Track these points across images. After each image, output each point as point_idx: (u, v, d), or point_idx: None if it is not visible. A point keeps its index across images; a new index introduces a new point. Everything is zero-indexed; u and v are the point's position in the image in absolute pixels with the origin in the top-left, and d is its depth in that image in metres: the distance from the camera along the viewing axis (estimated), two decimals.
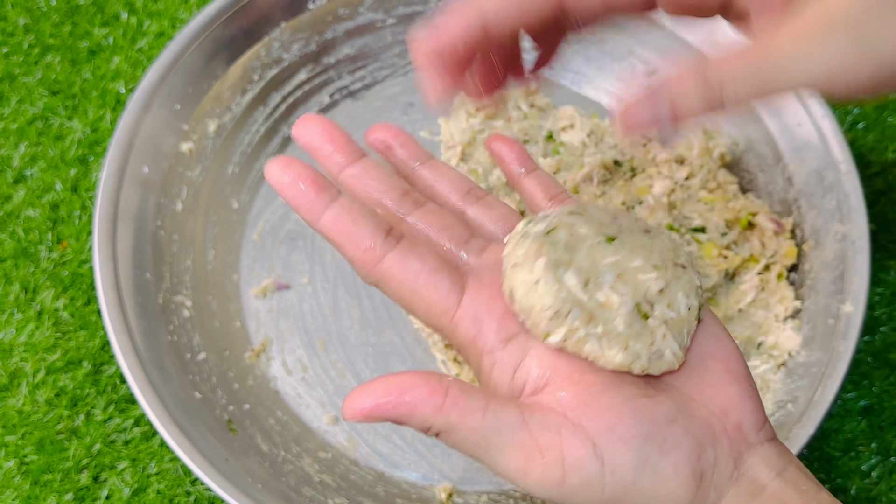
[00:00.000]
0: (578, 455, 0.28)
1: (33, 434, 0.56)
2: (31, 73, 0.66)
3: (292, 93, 0.64)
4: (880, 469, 0.56)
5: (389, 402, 0.28)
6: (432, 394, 0.28)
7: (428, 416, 0.28)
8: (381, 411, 0.28)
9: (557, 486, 0.28)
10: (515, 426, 0.29)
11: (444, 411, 0.28)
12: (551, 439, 0.29)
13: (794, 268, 0.57)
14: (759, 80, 0.27)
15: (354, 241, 0.31)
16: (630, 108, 0.29)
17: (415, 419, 0.28)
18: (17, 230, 0.62)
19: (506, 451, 0.28)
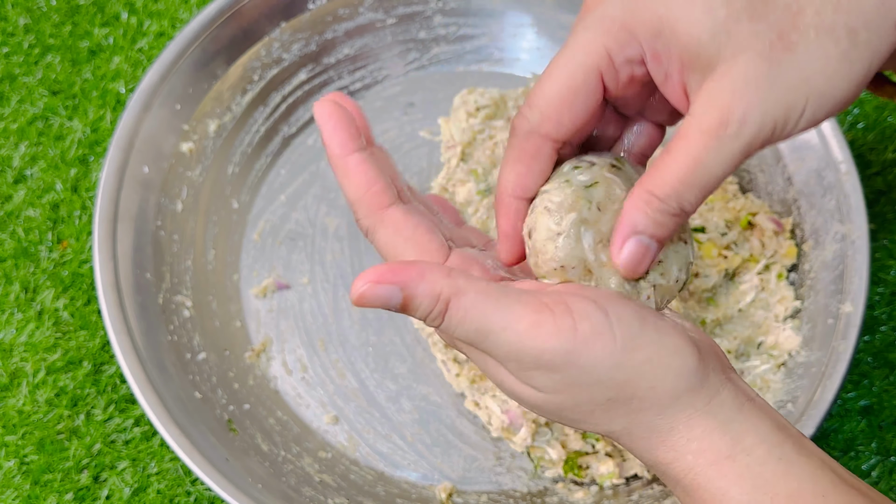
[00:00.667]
0: (583, 305, 0.30)
1: (34, 434, 0.56)
2: (31, 73, 0.66)
3: (292, 93, 0.64)
4: (880, 469, 0.56)
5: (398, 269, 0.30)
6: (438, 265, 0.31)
7: (437, 280, 0.30)
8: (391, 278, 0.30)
9: (570, 331, 0.30)
10: (520, 291, 0.31)
11: (452, 276, 0.30)
12: (555, 297, 0.31)
13: (793, 268, 0.57)
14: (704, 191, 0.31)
15: (370, 183, 0.33)
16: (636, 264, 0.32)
17: (424, 284, 0.30)
18: (17, 230, 0.62)
19: (515, 308, 0.30)
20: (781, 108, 0.30)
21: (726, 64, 0.30)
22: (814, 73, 0.30)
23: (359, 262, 0.61)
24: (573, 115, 0.32)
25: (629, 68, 0.32)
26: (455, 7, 0.65)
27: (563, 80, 0.32)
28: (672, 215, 0.31)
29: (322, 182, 0.63)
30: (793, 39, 0.30)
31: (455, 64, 0.66)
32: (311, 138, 0.64)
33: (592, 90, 0.32)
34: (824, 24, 0.30)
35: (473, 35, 0.66)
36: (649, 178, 0.31)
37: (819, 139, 0.56)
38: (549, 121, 0.33)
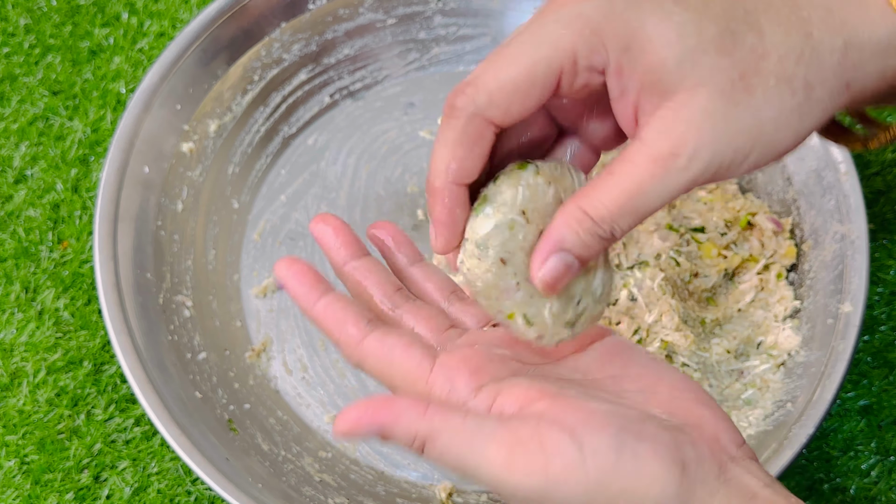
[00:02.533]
0: (557, 440, 0.30)
1: (34, 434, 0.56)
2: (31, 74, 0.66)
3: (293, 93, 0.64)
4: (879, 468, 0.56)
5: (376, 411, 0.30)
6: (415, 403, 0.31)
7: (412, 421, 0.30)
8: (369, 421, 0.30)
9: (542, 472, 0.29)
10: (496, 426, 0.30)
11: (427, 416, 0.30)
12: (530, 431, 0.30)
13: (793, 267, 0.57)
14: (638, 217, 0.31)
15: (341, 326, 0.34)
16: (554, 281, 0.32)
17: (400, 426, 0.30)
18: (17, 230, 0.62)
19: (489, 447, 0.30)
20: (730, 150, 0.30)
21: (685, 94, 0.30)
22: (767, 120, 0.30)
23: None
24: (523, 106, 0.31)
25: (588, 75, 0.31)
26: (455, 7, 0.65)
27: (522, 69, 0.31)
28: (602, 238, 0.31)
29: (322, 182, 0.63)
30: (753, 82, 0.30)
31: (455, 64, 0.66)
32: (312, 138, 0.64)
33: (548, 86, 0.31)
34: (785, 73, 0.30)
35: (473, 35, 0.66)
36: (585, 197, 0.31)
37: (819, 139, 0.56)
38: (497, 107, 0.31)
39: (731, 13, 0.30)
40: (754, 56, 0.30)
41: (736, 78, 0.30)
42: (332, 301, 0.35)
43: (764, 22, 0.30)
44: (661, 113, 0.30)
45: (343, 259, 0.37)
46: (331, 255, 0.37)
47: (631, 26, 0.30)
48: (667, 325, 0.53)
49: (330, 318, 0.35)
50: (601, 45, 0.30)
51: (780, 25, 0.30)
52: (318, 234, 0.37)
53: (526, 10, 0.65)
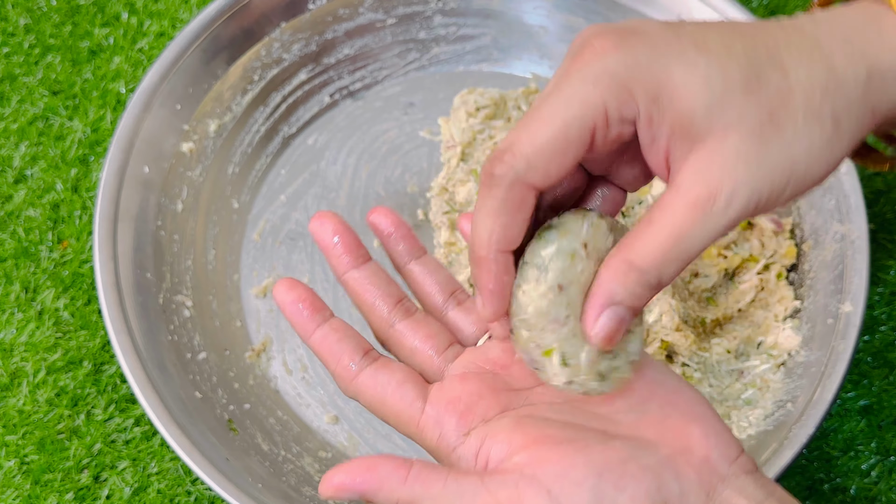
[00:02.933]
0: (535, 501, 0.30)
1: (34, 434, 0.56)
2: (31, 74, 0.66)
3: (292, 93, 0.64)
4: (880, 468, 0.56)
5: (358, 477, 0.32)
6: (397, 468, 0.32)
7: (394, 488, 0.31)
8: (353, 484, 0.32)
9: None
10: (475, 490, 0.31)
11: (408, 482, 0.31)
12: (509, 494, 0.31)
13: (793, 267, 0.57)
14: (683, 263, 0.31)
15: (336, 358, 0.35)
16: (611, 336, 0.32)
17: (382, 492, 0.31)
18: (17, 230, 0.62)
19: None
20: (767, 187, 0.31)
21: (716, 138, 0.30)
22: (799, 155, 0.31)
23: None
24: (561, 166, 0.31)
25: (620, 127, 0.31)
26: (455, 7, 0.65)
27: (556, 130, 0.31)
28: (650, 287, 0.31)
29: (322, 182, 0.63)
30: (782, 120, 0.30)
31: (455, 64, 0.66)
32: (311, 138, 0.64)
33: (583, 144, 0.31)
34: (812, 108, 0.31)
35: (473, 35, 0.66)
36: (629, 248, 0.31)
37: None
38: (536, 171, 0.31)
39: (754, 54, 0.31)
40: (780, 94, 0.30)
41: (765, 118, 0.30)
42: (328, 333, 0.36)
43: (787, 59, 0.31)
44: (694, 158, 0.31)
45: (344, 267, 0.37)
46: (331, 262, 0.38)
47: (658, 77, 0.30)
48: (667, 325, 0.53)
49: (325, 351, 0.36)
50: (630, 97, 0.31)
51: (802, 62, 0.31)
52: (318, 235, 0.37)
53: (526, 10, 0.65)
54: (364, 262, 0.38)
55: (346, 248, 0.37)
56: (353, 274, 0.37)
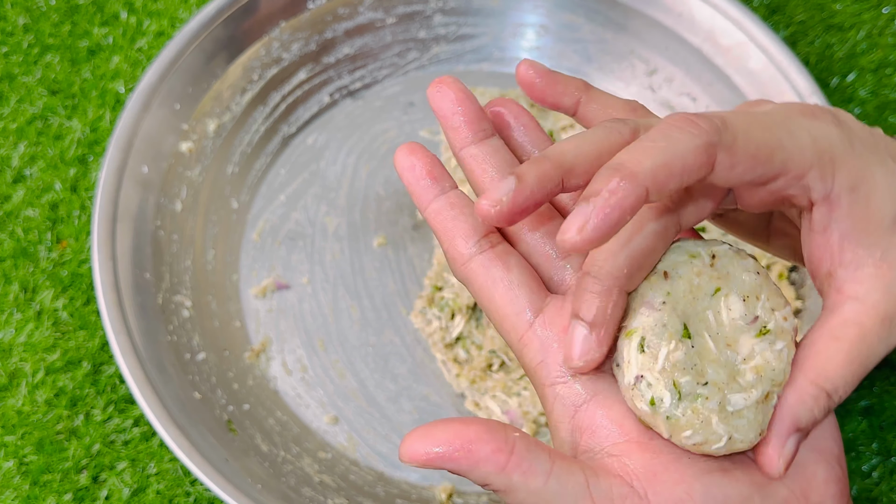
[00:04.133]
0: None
1: (33, 434, 0.56)
2: (30, 73, 0.66)
3: (292, 92, 0.64)
4: (881, 469, 0.56)
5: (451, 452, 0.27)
6: (497, 451, 0.27)
7: (489, 474, 0.27)
8: (442, 461, 0.27)
9: None
10: (578, 494, 0.28)
11: (506, 471, 0.27)
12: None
13: (794, 267, 0.57)
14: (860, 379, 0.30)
15: (450, 236, 0.32)
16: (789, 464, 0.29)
17: (475, 474, 0.28)
18: (16, 230, 0.61)
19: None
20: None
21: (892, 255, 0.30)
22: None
23: (359, 261, 0.60)
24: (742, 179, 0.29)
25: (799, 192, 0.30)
26: (455, 6, 0.65)
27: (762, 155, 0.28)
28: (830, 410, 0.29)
29: (322, 182, 0.63)
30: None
31: (455, 64, 0.66)
32: (311, 138, 0.64)
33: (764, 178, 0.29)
34: None
35: (473, 35, 0.66)
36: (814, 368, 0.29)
37: None
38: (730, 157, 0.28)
39: None
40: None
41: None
42: (445, 205, 0.32)
43: None
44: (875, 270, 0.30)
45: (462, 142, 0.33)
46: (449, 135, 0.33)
47: (864, 171, 0.30)
48: None
49: (440, 225, 0.32)
50: (832, 174, 0.29)
51: None
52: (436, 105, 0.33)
53: (526, 9, 0.65)
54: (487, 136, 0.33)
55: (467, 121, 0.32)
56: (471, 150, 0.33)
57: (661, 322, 0.29)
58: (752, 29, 0.59)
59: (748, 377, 0.29)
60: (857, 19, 0.68)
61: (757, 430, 0.29)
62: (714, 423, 0.29)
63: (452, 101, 0.32)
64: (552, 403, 0.31)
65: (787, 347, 0.30)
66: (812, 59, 0.66)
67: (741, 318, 0.30)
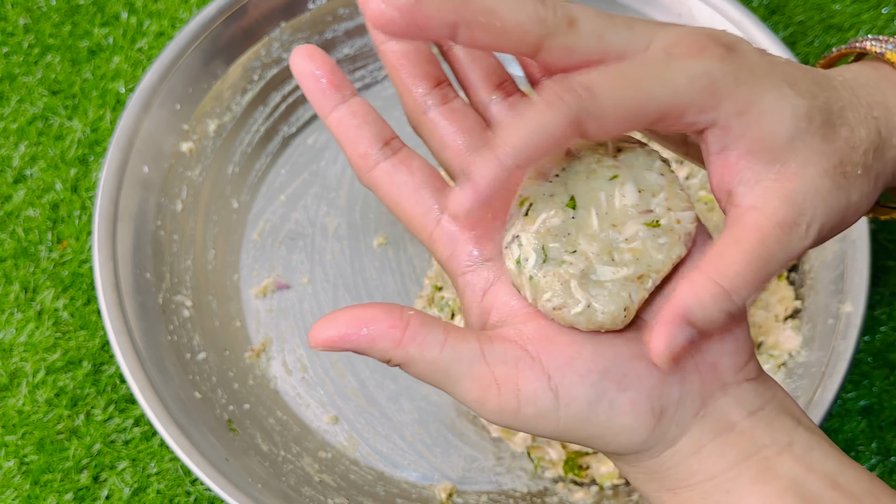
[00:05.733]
0: (533, 388, 0.30)
1: (33, 434, 0.56)
2: (31, 73, 0.66)
3: (292, 92, 0.64)
4: (880, 469, 0.56)
5: (351, 333, 0.30)
6: (392, 327, 0.30)
7: (387, 349, 0.30)
8: (344, 341, 0.30)
9: (513, 415, 0.30)
10: (473, 359, 0.30)
11: (402, 345, 0.30)
12: (507, 372, 0.30)
13: (794, 267, 0.57)
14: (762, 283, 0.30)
15: (353, 145, 0.33)
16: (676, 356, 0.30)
17: (375, 350, 0.30)
18: (17, 230, 0.62)
19: (463, 382, 0.30)
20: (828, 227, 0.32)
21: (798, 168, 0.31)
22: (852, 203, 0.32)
23: (359, 261, 0.61)
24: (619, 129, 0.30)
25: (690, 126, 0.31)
26: None
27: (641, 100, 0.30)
28: (727, 313, 0.30)
29: (322, 182, 0.63)
30: (847, 170, 0.32)
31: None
32: (311, 138, 0.64)
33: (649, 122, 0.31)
34: (866, 164, 0.33)
35: None
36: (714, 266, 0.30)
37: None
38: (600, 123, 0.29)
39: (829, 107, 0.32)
40: (848, 147, 0.32)
41: (836, 163, 0.32)
42: (347, 113, 0.33)
43: (851, 119, 0.33)
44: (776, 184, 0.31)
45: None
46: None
47: (751, 96, 0.31)
48: None
49: (343, 134, 0.33)
50: (715, 106, 0.31)
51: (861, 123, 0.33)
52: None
53: None
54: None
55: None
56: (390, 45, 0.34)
57: (550, 192, 0.32)
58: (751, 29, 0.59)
59: (624, 256, 0.31)
60: (857, 20, 0.68)
61: (620, 304, 0.30)
62: (573, 288, 0.30)
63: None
64: (463, 291, 0.33)
65: (672, 244, 0.31)
66: (811, 59, 0.67)
67: (633, 207, 0.32)
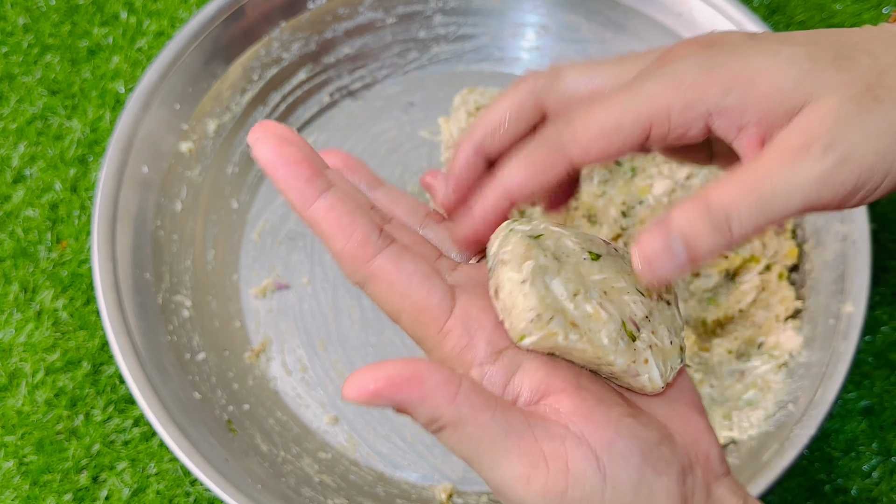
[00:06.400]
0: (583, 467, 0.28)
1: (33, 434, 0.56)
2: (30, 73, 0.66)
3: (292, 92, 0.64)
4: (881, 469, 0.56)
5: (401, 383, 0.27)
6: (447, 382, 0.27)
7: (439, 405, 0.27)
8: (391, 392, 0.27)
9: (559, 497, 0.28)
10: (522, 430, 0.28)
11: (456, 402, 0.27)
12: (556, 448, 0.28)
13: (794, 268, 0.57)
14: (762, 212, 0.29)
15: (347, 233, 0.29)
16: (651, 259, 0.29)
17: (424, 406, 0.27)
18: (16, 230, 0.61)
19: (510, 455, 0.28)
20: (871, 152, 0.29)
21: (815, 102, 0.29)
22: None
23: None
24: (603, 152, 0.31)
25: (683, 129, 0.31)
26: (455, 6, 0.65)
27: (611, 117, 0.31)
28: (715, 229, 0.29)
29: None
30: (880, 93, 0.29)
31: (455, 64, 0.66)
32: (311, 138, 0.64)
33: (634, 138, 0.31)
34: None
35: (473, 35, 0.66)
36: (709, 186, 0.29)
37: None
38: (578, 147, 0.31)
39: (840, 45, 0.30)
40: (874, 72, 0.30)
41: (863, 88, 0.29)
42: (335, 200, 0.29)
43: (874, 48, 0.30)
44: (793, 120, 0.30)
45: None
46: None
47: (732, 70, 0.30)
48: None
49: (333, 223, 0.29)
50: (699, 98, 0.30)
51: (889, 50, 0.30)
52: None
53: (526, 9, 0.65)
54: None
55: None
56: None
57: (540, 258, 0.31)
58: (751, 29, 0.59)
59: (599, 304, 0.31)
60: (857, 19, 0.68)
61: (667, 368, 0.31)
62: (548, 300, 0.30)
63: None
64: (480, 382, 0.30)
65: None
66: None
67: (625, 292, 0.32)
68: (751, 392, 0.54)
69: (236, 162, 0.62)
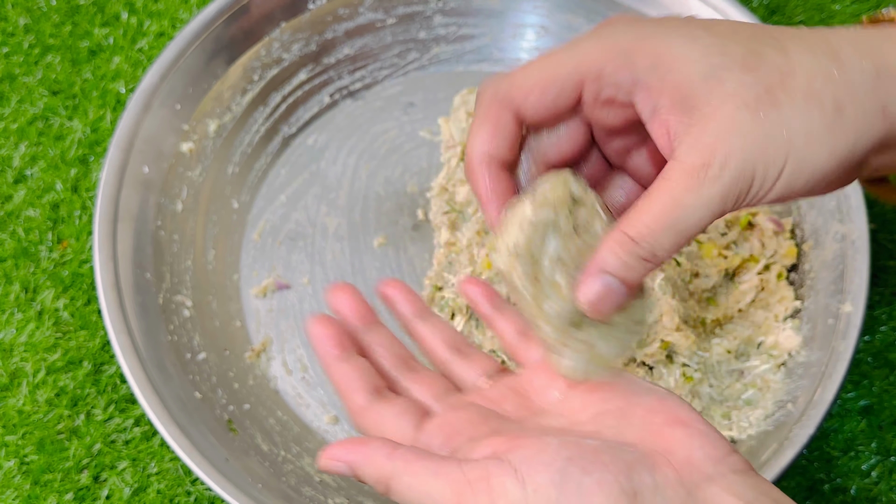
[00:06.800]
0: (502, 481, 0.31)
1: (34, 434, 0.56)
2: (31, 73, 0.66)
3: (292, 93, 0.64)
4: (880, 469, 0.56)
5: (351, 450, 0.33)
6: (385, 446, 0.33)
7: (379, 463, 0.32)
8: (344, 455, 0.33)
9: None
10: (451, 469, 0.32)
11: (391, 459, 0.32)
12: (479, 474, 0.31)
13: (793, 268, 0.57)
14: (680, 235, 0.31)
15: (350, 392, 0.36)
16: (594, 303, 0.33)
17: (369, 466, 0.32)
18: (17, 230, 0.62)
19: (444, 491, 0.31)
20: (762, 160, 0.30)
21: (712, 108, 0.31)
22: (796, 133, 0.30)
23: (359, 261, 0.61)
24: (541, 100, 0.33)
25: (613, 90, 0.32)
26: (455, 7, 0.65)
27: (547, 68, 0.33)
28: (642, 259, 0.32)
29: (322, 182, 0.63)
30: (780, 97, 0.30)
31: (455, 64, 0.66)
32: (311, 138, 0.64)
33: (568, 90, 0.33)
34: (812, 90, 0.31)
35: (473, 35, 0.66)
36: (627, 219, 0.32)
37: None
38: (518, 91, 0.33)
39: (758, 38, 0.32)
40: (780, 73, 0.31)
41: (762, 92, 0.30)
42: (347, 370, 0.37)
43: (790, 46, 0.31)
44: (691, 130, 0.31)
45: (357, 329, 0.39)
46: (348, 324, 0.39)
47: (659, 47, 0.31)
48: (667, 325, 0.53)
49: (342, 383, 0.36)
50: (629, 63, 0.32)
51: (806, 49, 0.31)
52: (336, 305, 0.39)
53: (526, 9, 0.65)
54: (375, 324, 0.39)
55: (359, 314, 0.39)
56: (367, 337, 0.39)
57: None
58: None
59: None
60: (857, 20, 0.68)
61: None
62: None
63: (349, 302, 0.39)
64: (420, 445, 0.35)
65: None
66: None
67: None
68: (750, 392, 0.54)
69: (237, 162, 0.62)
